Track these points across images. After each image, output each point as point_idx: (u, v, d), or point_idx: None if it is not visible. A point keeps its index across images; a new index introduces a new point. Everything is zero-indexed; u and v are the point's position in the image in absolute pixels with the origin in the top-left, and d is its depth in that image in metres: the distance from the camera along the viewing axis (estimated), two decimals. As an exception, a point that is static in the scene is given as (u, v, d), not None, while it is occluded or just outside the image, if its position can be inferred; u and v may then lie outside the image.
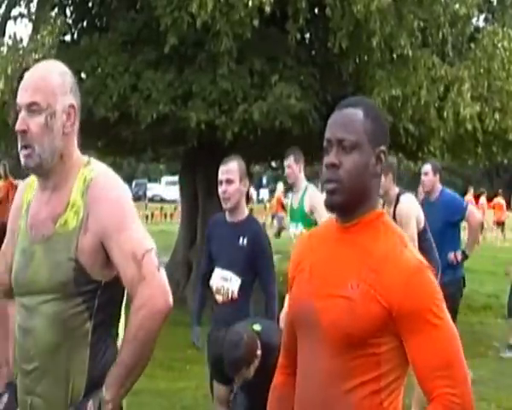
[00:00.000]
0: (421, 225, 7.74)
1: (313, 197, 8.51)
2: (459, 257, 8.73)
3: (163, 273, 2.82)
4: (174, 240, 16.87)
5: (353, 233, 2.63)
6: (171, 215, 36.98)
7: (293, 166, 8.60)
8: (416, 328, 2.47)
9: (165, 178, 65.43)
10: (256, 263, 5.86)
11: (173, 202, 47.82)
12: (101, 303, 2.87)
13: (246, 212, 5.96)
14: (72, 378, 2.87)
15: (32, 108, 2.89)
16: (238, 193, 5.82)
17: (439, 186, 8.90)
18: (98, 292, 2.86)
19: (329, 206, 2.65)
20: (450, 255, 8.58)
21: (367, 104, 2.74)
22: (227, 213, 5.96)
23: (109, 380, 2.78)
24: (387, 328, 2.50)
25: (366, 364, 2.52)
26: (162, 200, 57.01)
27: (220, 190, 5.87)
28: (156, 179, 70.84)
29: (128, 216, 2.88)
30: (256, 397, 5.41)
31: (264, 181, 71.11)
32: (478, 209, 33.79)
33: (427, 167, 8.89)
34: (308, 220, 8.53)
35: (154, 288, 2.76)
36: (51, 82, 2.92)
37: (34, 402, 2.95)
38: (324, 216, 8.33)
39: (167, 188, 61.11)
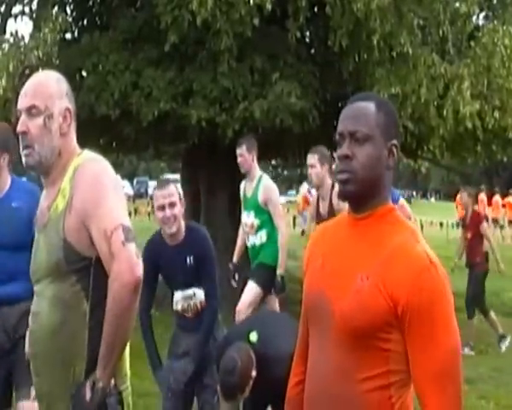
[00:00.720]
0: None
1: (268, 189, 8.56)
2: None
3: (130, 247, 2.90)
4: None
5: (365, 226, 2.64)
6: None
7: (246, 154, 8.57)
8: (419, 327, 2.46)
9: (166, 176, 65.82)
10: (202, 273, 5.79)
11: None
12: (96, 282, 3.00)
13: (183, 227, 5.71)
14: (72, 362, 3.01)
15: (32, 111, 3.10)
16: (181, 214, 5.63)
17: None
18: (91, 269, 3.00)
19: (342, 196, 2.66)
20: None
21: (378, 98, 2.77)
22: (168, 237, 5.68)
23: (98, 359, 2.91)
24: (396, 324, 2.50)
25: (375, 358, 2.52)
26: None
27: (162, 215, 5.53)
28: (157, 177, 71.09)
29: (104, 195, 3.01)
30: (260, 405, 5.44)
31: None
32: (490, 207, 33.67)
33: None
34: (261, 210, 8.55)
35: (121, 263, 2.87)
36: (48, 87, 3.15)
37: (41, 383, 3.13)
38: (278, 207, 8.39)
39: None
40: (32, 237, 4.84)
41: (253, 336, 5.09)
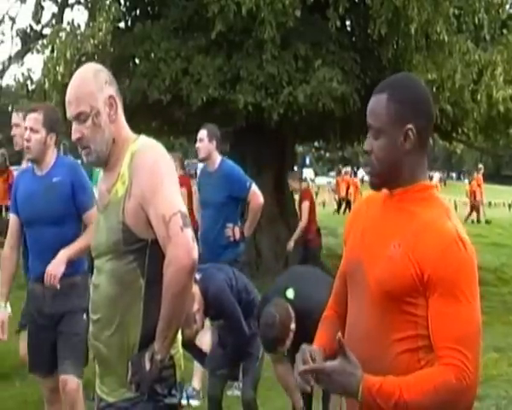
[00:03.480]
0: None
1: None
2: (237, 235, 7.65)
3: (187, 232, 2.96)
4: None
5: (402, 200, 2.66)
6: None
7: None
8: (442, 296, 2.47)
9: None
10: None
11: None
12: (152, 262, 3.09)
13: None
14: (128, 329, 3.15)
15: (80, 117, 3.16)
16: None
17: (217, 155, 7.86)
18: (147, 250, 3.10)
19: (370, 186, 2.74)
20: (228, 229, 7.57)
21: (394, 86, 2.70)
22: None
23: (156, 334, 3.05)
24: (421, 291, 2.51)
25: (405, 322, 2.55)
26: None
27: None
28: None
29: (161, 181, 3.05)
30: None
31: (308, 161, 70.69)
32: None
33: (203, 133, 7.78)
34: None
35: (178, 247, 2.93)
36: (87, 87, 3.18)
37: (99, 347, 3.28)
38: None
39: None
40: (71, 210, 5.11)
41: (290, 293, 5.18)
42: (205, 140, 7.74)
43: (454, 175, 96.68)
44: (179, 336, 3.28)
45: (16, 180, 5.61)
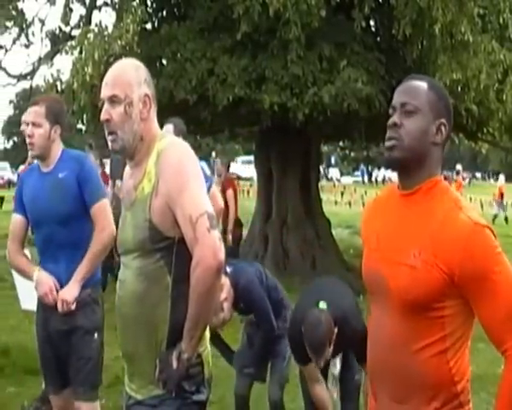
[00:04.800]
0: None
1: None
2: None
3: (214, 234, 2.96)
4: (250, 214, 17.07)
5: (413, 201, 2.65)
6: (248, 192, 37.26)
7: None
8: (481, 288, 2.48)
9: (240, 158, 65.85)
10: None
11: (248, 179, 48.23)
12: (179, 259, 3.08)
13: None
14: (155, 326, 3.14)
15: (113, 100, 3.17)
16: None
17: None
18: (174, 248, 3.09)
19: (387, 162, 2.71)
20: None
21: (432, 80, 2.80)
22: None
23: (184, 332, 3.04)
24: (451, 292, 2.51)
25: (432, 326, 2.55)
26: (238, 177, 57.34)
27: None
28: (232, 159, 71.04)
29: (187, 180, 3.05)
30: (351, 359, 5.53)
31: (333, 161, 70.66)
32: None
33: (169, 128, 7.06)
34: None
35: (205, 248, 2.92)
36: (127, 76, 3.20)
37: (127, 344, 3.28)
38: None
39: (243, 166, 61.57)
40: (80, 208, 4.66)
41: (323, 305, 5.10)
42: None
43: (479, 175, 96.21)
44: (207, 334, 3.27)
45: (21, 179, 5.18)
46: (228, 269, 5.49)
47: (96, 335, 4.75)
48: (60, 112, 4.90)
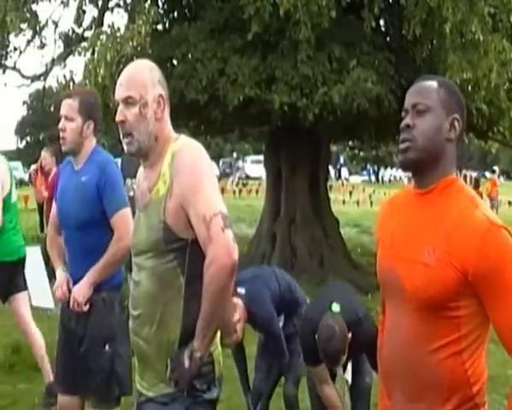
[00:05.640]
0: None
1: None
2: None
3: (228, 234, 2.95)
4: (259, 213, 17.10)
5: (429, 200, 2.63)
6: (257, 191, 37.38)
7: None
8: (494, 289, 2.45)
9: (250, 157, 66.07)
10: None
11: (257, 179, 48.46)
12: (192, 260, 3.09)
13: None
14: (168, 326, 3.15)
15: (128, 101, 3.19)
16: None
17: None
18: (187, 249, 3.10)
19: (403, 164, 2.68)
20: None
21: (442, 79, 2.79)
22: None
23: (196, 331, 3.05)
24: (465, 291, 2.48)
25: (447, 327, 2.53)
26: (247, 177, 57.45)
27: None
28: (242, 158, 71.11)
29: (201, 181, 3.05)
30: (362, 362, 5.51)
31: (342, 160, 70.70)
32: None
33: None
34: None
35: (219, 247, 2.92)
36: (141, 77, 3.22)
37: (139, 343, 3.28)
38: None
39: (252, 166, 61.73)
40: (96, 216, 4.49)
41: (336, 307, 5.11)
42: None
43: (488, 175, 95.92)
44: (218, 333, 3.28)
45: (60, 168, 5.10)
46: (241, 290, 5.50)
47: (106, 347, 4.58)
48: (94, 106, 4.76)
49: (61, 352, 4.86)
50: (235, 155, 59.88)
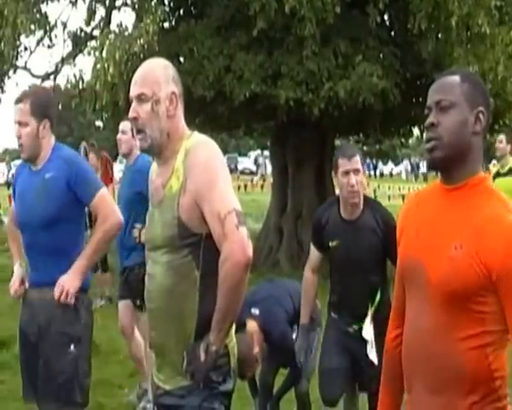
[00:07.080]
0: None
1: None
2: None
3: (242, 230, 2.99)
4: (265, 208, 17.07)
5: (458, 196, 2.57)
6: (262, 186, 37.45)
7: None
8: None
9: (254, 153, 66.28)
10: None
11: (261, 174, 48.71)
12: (206, 254, 3.09)
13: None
14: (184, 319, 3.15)
15: (141, 97, 3.18)
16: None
17: (137, 151, 6.35)
18: (201, 244, 3.10)
19: (430, 163, 2.61)
20: (136, 230, 6.24)
21: (464, 72, 2.71)
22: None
23: (212, 325, 3.05)
24: (490, 289, 2.43)
25: (471, 320, 2.48)
26: (251, 173, 57.70)
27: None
28: (246, 154, 71.29)
29: (216, 178, 3.07)
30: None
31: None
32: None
33: (126, 125, 6.47)
34: None
35: (233, 244, 2.95)
36: (154, 74, 3.21)
37: (156, 336, 3.30)
38: None
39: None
40: (67, 212, 4.25)
41: (255, 311, 5.32)
42: (128, 133, 6.49)
43: (491, 167, 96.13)
44: (233, 326, 3.27)
45: (16, 170, 4.76)
46: (255, 311, 5.45)
47: (72, 347, 4.25)
48: (47, 104, 4.45)
49: (20, 355, 4.56)
50: (259, 151, 60.25)
